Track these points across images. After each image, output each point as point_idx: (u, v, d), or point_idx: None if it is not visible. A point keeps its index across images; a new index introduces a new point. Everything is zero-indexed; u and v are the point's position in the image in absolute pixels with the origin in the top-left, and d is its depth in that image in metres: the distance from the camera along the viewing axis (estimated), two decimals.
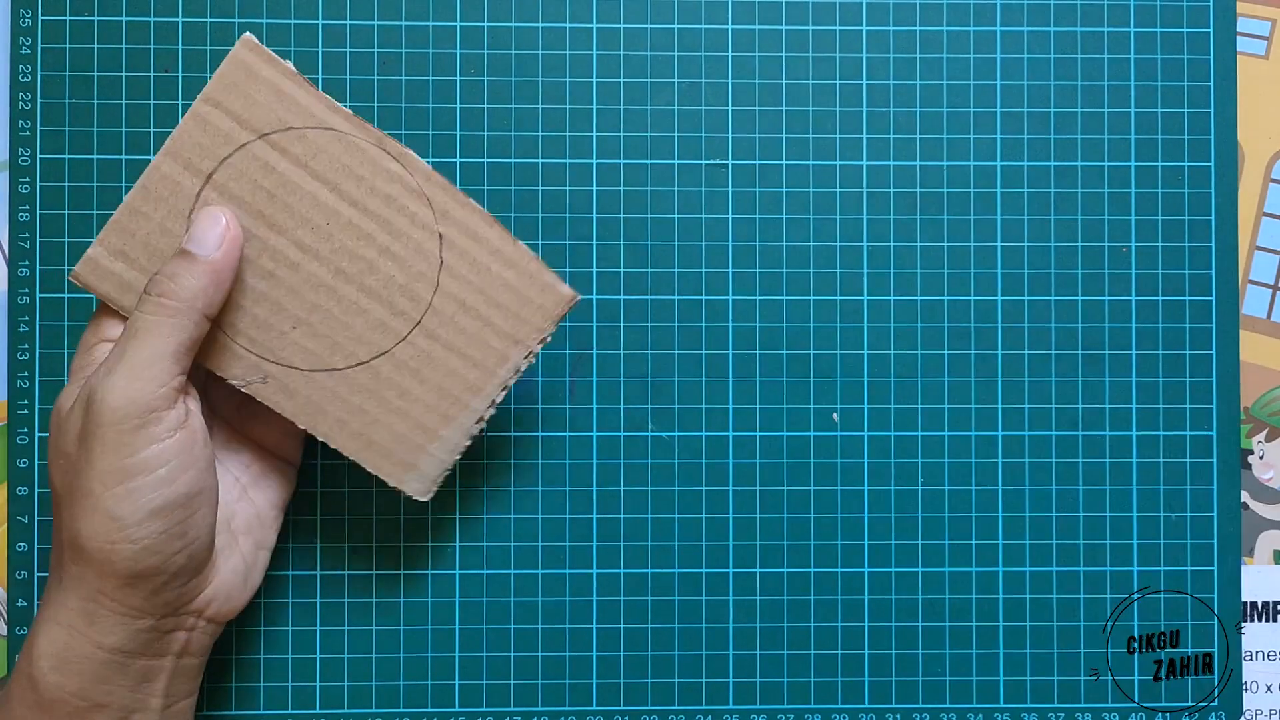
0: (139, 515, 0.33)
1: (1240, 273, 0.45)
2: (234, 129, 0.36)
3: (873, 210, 0.44)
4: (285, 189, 0.36)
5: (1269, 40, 0.45)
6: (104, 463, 0.32)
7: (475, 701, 0.43)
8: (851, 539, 0.44)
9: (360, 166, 0.36)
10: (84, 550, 0.33)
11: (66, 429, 0.34)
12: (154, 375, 0.33)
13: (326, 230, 0.36)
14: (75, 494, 0.33)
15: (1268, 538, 0.45)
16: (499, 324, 0.38)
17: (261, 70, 0.35)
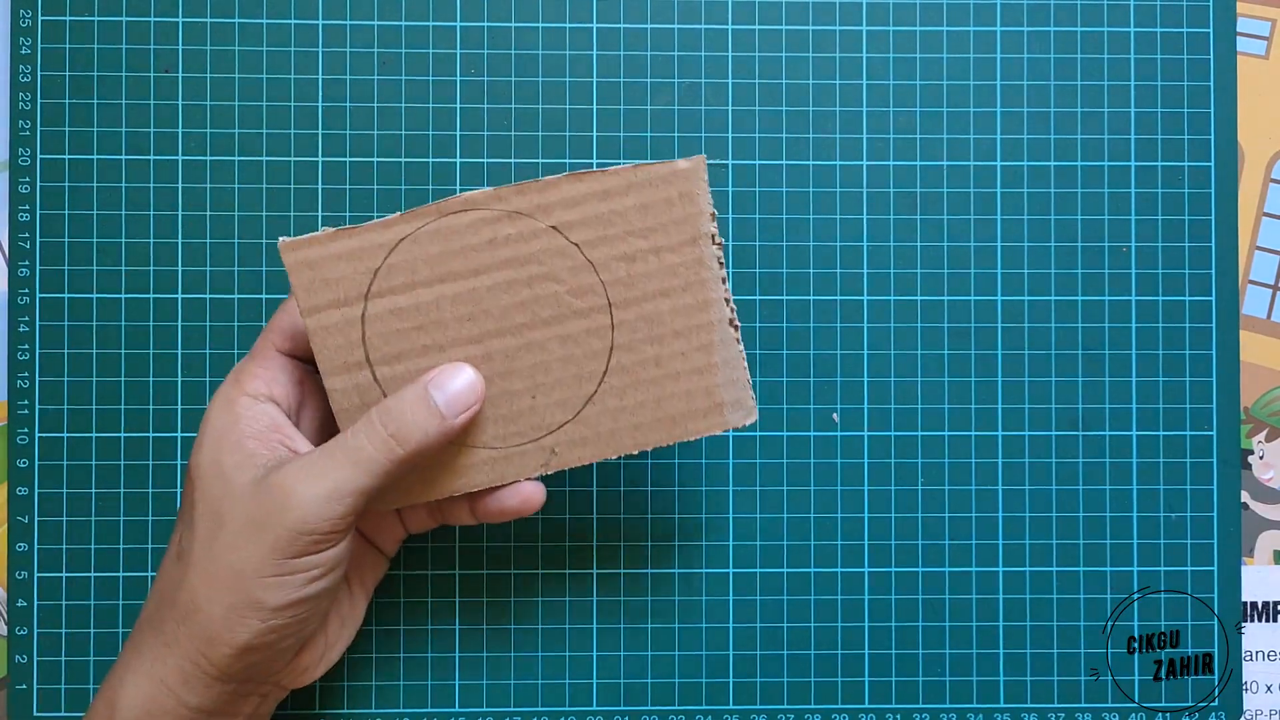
0: (281, 604, 0.33)
1: (1240, 273, 0.45)
2: (346, 312, 0.35)
3: (873, 210, 0.44)
4: (422, 314, 0.35)
5: (1269, 40, 0.45)
6: (269, 554, 0.32)
7: (475, 702, 0.43)
8: (851, 539, 0.44)
9: (449, 242, 0.35)
10: (204, 619, 0.33)
11: (229, 500, 0.33)
12: (353, 504, 0.33)
13: (478, 312, 0.35)
14: (218, 565, 0.32)
15: (1268, 538, 0.45)
16: (664, 242, 0.36)
17: (314, 255, 0.35)
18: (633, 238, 0.36)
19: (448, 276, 0.35)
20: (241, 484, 0.33)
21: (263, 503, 0.32)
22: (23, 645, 0.43)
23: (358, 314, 0.35)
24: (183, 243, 0.43)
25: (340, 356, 0.35)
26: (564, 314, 0.36)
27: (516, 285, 0.35)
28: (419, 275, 0.35)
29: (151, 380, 0.43)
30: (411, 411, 0.34)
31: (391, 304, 0.35)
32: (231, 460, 0.33)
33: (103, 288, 0.43)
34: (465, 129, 0.44)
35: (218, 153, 0.43)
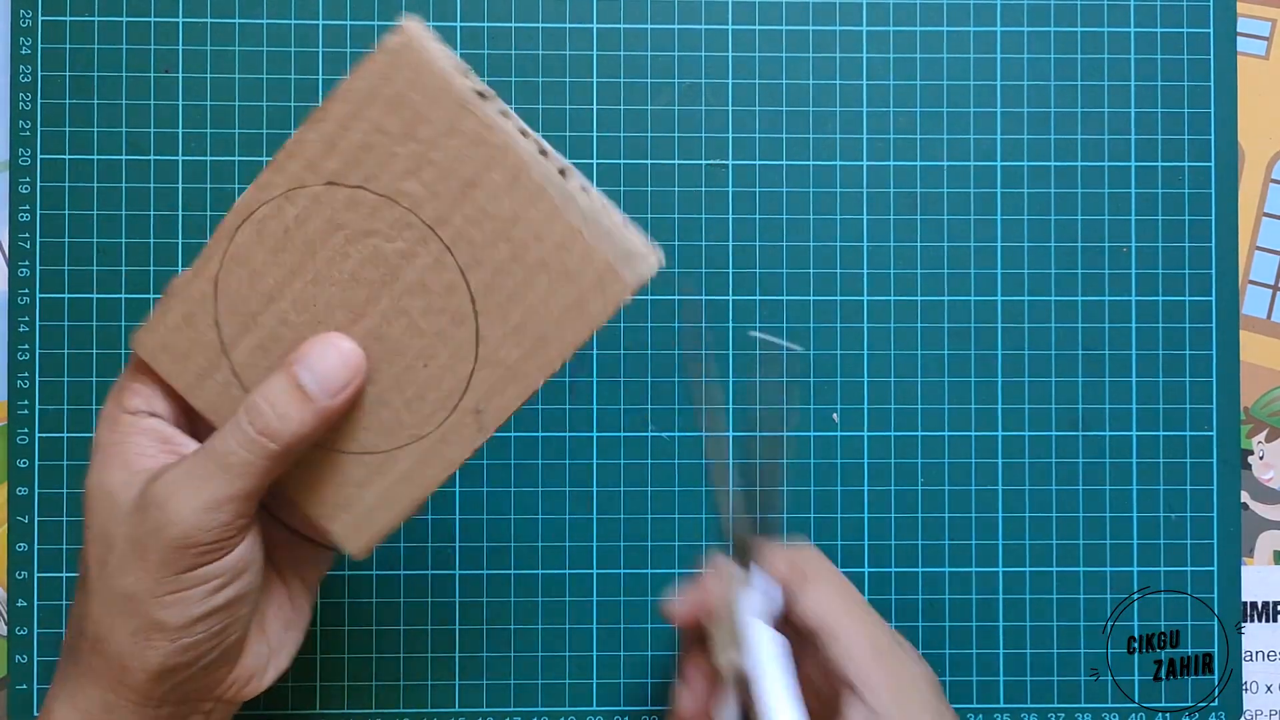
0: (183, 621, 0.31)
1: (1240, 273, 0.45)
2: (218, 381, 0.32)
3: (873, 210, 0.44)
4: (277, 340, 0.32)
5: (1269, 40, 0.45)
6: (156, 573, 0.30)
7: (475, 702, 0.43)
8: (851, 539, 0.44)
9: (249, 259, 0.32)
10: (112, 647, 0.31)
11: (114, 521, 0.31)
12: (235, 509, 0.30)
13: (321, 306, 0.32)
14: (112, 592, 0.31)
15: (1268, 538, 0.45)
16: (433, 133, 0.31)
17: (158, 340, 0.32)
18: (401, 147, 0.30)
19: (274, 291, 0.31)
20: (125, 502, 0.31)
21: (143, 520, 0.30)
22: (23, 645, 0.43)
23: (229, 372, 0.32)
24: (183, 243, 0.43)
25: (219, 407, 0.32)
26: (396, 264, 0.31)
27: (336, 262, 0.31)
28: (252, 304, 0.32)
29: None
30: (279, 401, 0.30)
31: (249, 345, 0.32)
32: (117, 479, 0.31)
33: (103, 288, 0.43)
34: None
35: (218, 153, 0.43)
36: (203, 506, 0.30)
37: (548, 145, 0.30)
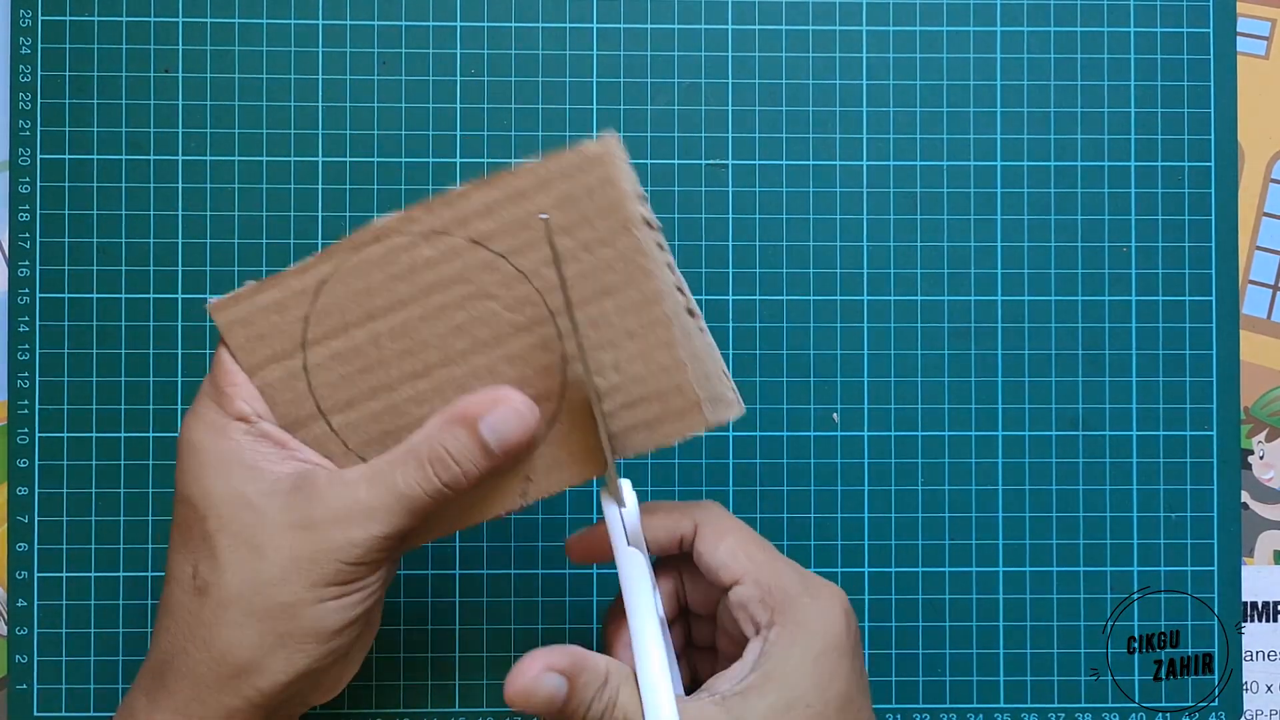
0: (338, 626, 0.32)
1: (1240, 273, 0.45)
2: (287, 365, 0.33)
3: (873, 210, 0.44)
4: (362, 355, 0.33)
5: (1269, 40, 0.45)
6: (320, 585, 0.31)
7: (475, 701, 0.43)
8: (851, 539, 0.44)
9: (371, 277, 0.33)
10: (250, 652, 0.31)
11: (265, 533, 0.31)
12: (398, 539, 0.32)
13: (418, 343, 0.33)
14: (263, 599, 0.31)
15: (1268, 538, 0.45)
16: (593, 236, 0.32)
17: (242, 313, 0.33)
18: (557, 238, 0.32)
19: (378, 312, 0.33)
20: (275, 513, 0.32)
21: (316, 539, 0.31)
22: (23, 645, 0.43)
23: (299, 365, 0.33)
24: (183, 243, 0.43)
25: (293, 411, 0.34)
26: (505, 332, 0.33)
27: (449, 310, 0.33)
28: (350, 316, 0.33)
29: (151, 380, 0.43)
30: (464, 456, 0.32)
31: (330, 350, 0.33)
32: (253, 489, 0.32)
33: (103, 288, 0.43)
34: (465, 129, 0.44)
35: (218, 153, 0.43)
36: (383, 535, 0.31)
37: (685, 285, 0.33)
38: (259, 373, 0.33)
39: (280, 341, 0.33)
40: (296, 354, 0.33)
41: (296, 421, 0.34)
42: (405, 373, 0.33)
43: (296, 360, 0.33)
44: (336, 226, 0.43)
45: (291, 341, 0.33)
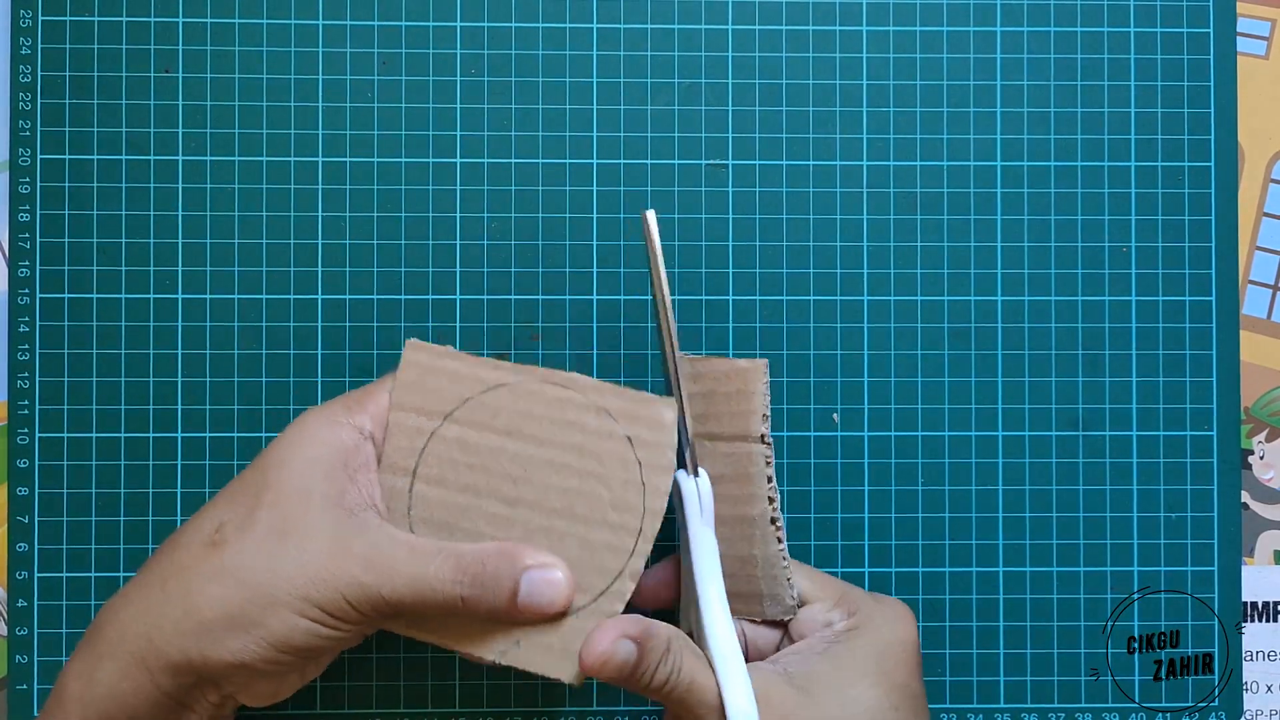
0: (297, 646, 0.33)
1: (1240, 273, 0.45)
2: (423, 422, 0.36)
3: (873, 210, 0.44)
4: (480, 455, 0.36)
5: (1269, 40, 0.45)
6: (313, 604, 0.32)
7: (475, 701, 0.43)
8: (851, 539, 0.44)
9: (535, 407, 0.36)
10: (218, 619, 0.32)
11: (313, 526, 0.33)
12: (400, 607, 0.33)
13: (526, 477, 0.36)
14: (256, 576, 0.32)
15: (1268, 538, 0.45)
16: (716, 430, 0.39)
17: (430, 363, 0.36)
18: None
19: (518, 434, 0.36)
20: (324, 523, 0.33)
21: (337, 563, 0.33)
22: (23, 645, 0.43)
23: (431, 428, 0.36)
24: (183, 243, 0.43)
25: (397, 456, 0.36)
26: (596, 521, 0.35)
27: (569, 473, 0.36)
28: (497, 421, 0.36)
29: (151, 380, 0.43)
30: (494, 586, 0.33)
31: (462, 434, 0.36)
32: (323, 489, 0.33)
33: (103, 288, 0.43)
34: (465, 129, 0.44)
35: (218, 153, 0.43)
36: (385, 598, 0.33)
37: (777, 497, 0.38)
38: (402, 411, 0.36)
39: (436, 401, 0.36)
40: (437, 419, 0.36)
41: (392, 465, 0.36)
42: (498, 491, 0.36)
43: (433, 423, 0.36)
44: (336, 226, 0.43)
45: (442, 408, 0.36)
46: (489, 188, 0.44)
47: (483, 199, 0.44)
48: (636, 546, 0.35)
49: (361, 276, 0.43)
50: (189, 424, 0.43)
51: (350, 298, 0.43)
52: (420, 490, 0.36)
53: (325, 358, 0.43)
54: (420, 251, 0.43)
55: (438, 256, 0.43)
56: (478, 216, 0.44)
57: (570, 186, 0.44)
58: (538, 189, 0.44)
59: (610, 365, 0.43)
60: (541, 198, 0.44)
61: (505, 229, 0.44)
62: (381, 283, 0.43)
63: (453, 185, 0.44)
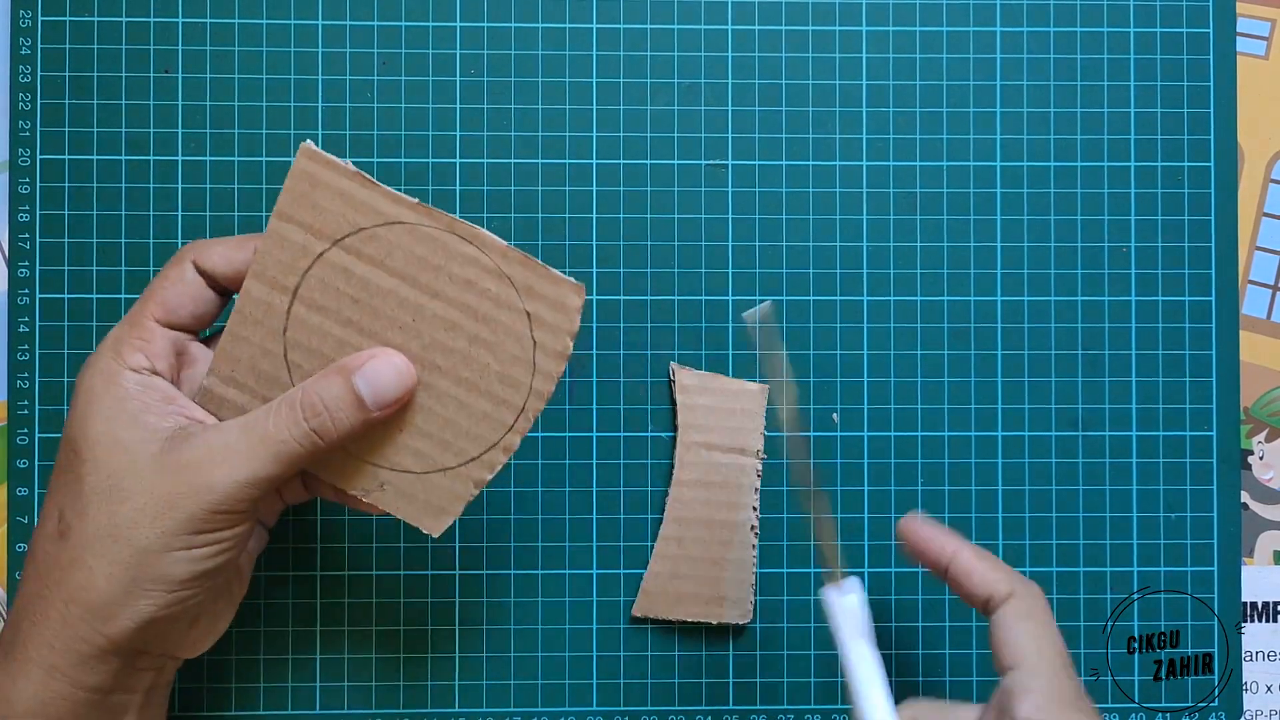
0: (187, 576, 0.32)
1: (1240, 273, 0.45)
2: (309, 240, 0.34)
3: (873, 210, 0.44)
4: (368, 292, 0.34)
5: (1269, 40, 0.45)
6: (176, 531, 0.32)
7: (475, 701, 0.43)
8: (851, 539, 0.44)
9: (434, 255, 0.34)
10: (101, 594, 0.32)
11: (132, 476, 0.32)
12: (269, 486, 0.33)
13: (415, 327, 0.34)
14: (117, 542, 0.32)
15: (1268, 538, 0.45)
16: (716, 441, 0.41)
17: (324, 176, 0.34)
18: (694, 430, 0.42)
19: (410, 279, 0.34)
20: (145, 459, 0.32)
21: (176, 481, 0.32)
22: None
23: (318, 249, 0.34)
24: (182, 243, 0.43)
25: (274, 270, 0.34)
26: (479, 389, 0.35)
27: (458, 333, 0.35)
28: (391, 260, 0.34)
29: None
30: (335, 404, 0.33)
31: (349, 264, 0.34)
32: (131, 435, 0.33)
33: (103, 288, 0.43)
34: (465, 129, 0.44)
35: (218, 153, 0.43)
36: (245, 481, 0.32)
37: (758, 513, 0.41)
38: (286, 223, 0.34)
39: (323, 222, 0.34)
40: (324, 241, 0.34)
41: (270, 280, 0.35)
42: (381, 335, 0.35)
43: (320, 244, 0.34)
44: None
45: (331, 230, 0.34)
46: (489, 188, 0.44)
47: (483, 199, 0.43)
48: (516, 423, 0.35)
49: None
50: None
51: None
52: (299, 312, 0.35)
53: None
54: None
55: None
56: (478, 216, 0.44)
57: (570, 186, 0.44)
58: (538, 189, 0.44)
59: (610, 365, 0.43)
60: (541, 198, 0.44)
61: (505, 229, 0.44)
62: None
63: (453, 185, 0.44)
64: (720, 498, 0.43)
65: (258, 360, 0.35)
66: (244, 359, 0.35)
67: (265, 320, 0.35)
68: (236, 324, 0.35)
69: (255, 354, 0.35)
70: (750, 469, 0.43)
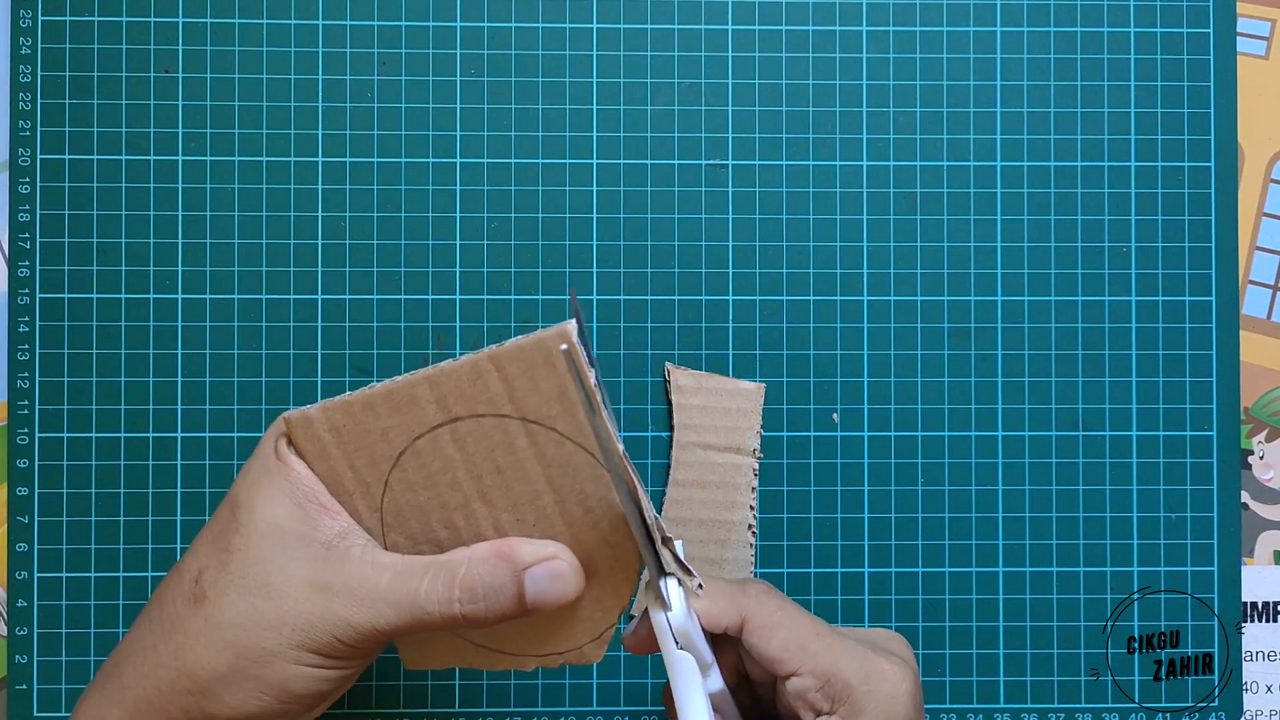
0: (303, 693, 0.31)
1: (1240, 273, 0.45)
2: (502, 398, 0.32)
3: (873, 210, 0.44)
4: (514, 472, 0.32)
5: (1269, 40, 0.45)
6: (309, 652, 0.31)
7: (475, 701, 0.43)
8: (851, 539, 0.44)
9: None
10: (216, 681, 0.31)
11: (282, 575, 0.31)
12: (394, 636, 0.32)
13: (522, 515, 0.33)
14: (248, 636, 0.31)
15: (1268, 538, 0.45)
16: (713, 441, 0.41)
17: (560, 365, 0.31)
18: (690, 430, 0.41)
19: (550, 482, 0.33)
20: (301, 564, 0.31)
21: (325, 605, 0.31)
22: (23, 645, 0.43)
23: (504, 410, 0.32)
24: (183, 243, 0.43)
25: (449, 393, 0.32)
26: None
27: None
28: (552, 469, 0.33)
29: (151, 380, 0.43)
30: (495, 596, 0.31)
31: (519, 441, 0.32)
32: (293, 527, 0.31)
33: (103, 288, 0.43)
34: (465, 129, 0.44)
35: (218, 153, 0.43)
36: (383, 629, 0.31)
37: (756, 512, 0.40)
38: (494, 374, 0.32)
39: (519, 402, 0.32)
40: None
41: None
42: (462, 498, 0.33)
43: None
44: (337, 226, 0.43)
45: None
46: (489, 188, 0.44)
47: (483, 199, 0.43)
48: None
49: (361, 276, 0.43)
50: (189, 424, 0.43)
51: (350, 298, 0.43)
52: (440, 437, 0.33)
53: (325, 358, 0.43)
54: (420, 251, 0.43)
55: (438, 256, 0.43)
56: (478, 216, 0.44)
57: (570, 186, 0.44)
58: (538, 189, 0.44)
59: (610, 365, 0.43)
60: (541, 198, 0.44)
61: (505, 229, 0.44)
62: (381, 283, 0.43)
63: (453, 185, 0.44)
64: (717, 497, 0.43)
65: (373, 438, 0.33)
66: (362, 425, 0.33)
67: (408, 415, 0.33)
68: (380, 397, 0.33)
69: (374, 431, 0.33)
70: (747, 468, 0.43)
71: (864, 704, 0.32)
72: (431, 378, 0.32)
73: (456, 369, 0.32)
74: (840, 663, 0.33)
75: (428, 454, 0.33)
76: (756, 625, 0.33)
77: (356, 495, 0.33)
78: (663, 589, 0.32)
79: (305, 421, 0.32)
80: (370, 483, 0.33)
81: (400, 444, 0.33)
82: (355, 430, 0.32)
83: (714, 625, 0.33)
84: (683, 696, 0.32)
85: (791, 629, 0.33)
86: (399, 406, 0.32)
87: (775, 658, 0.33)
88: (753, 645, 0.33)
